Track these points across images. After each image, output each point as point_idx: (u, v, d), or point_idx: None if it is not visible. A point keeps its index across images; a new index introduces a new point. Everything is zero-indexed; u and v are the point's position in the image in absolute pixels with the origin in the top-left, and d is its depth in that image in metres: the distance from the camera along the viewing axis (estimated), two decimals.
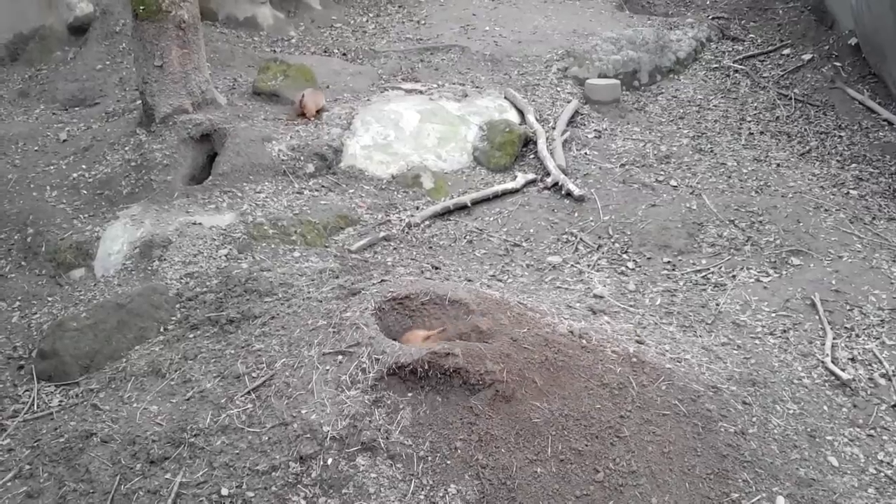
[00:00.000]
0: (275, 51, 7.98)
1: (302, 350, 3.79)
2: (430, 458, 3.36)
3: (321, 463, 3.33)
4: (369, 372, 3.59)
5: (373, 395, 3.52)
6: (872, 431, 3.81)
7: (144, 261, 4.95)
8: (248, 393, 3.67)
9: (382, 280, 4.36)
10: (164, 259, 4.91)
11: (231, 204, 5.45)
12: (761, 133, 6.67)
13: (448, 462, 3.35)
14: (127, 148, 5.98)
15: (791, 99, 7.09)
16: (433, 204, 5.74)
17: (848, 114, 6.80)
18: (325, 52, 8.10)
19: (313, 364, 3.68)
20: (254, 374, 3.76)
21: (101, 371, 4.17)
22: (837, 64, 7.42)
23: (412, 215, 5.57)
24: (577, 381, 3.65)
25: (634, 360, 3.85)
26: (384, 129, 6.33)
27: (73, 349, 4.24)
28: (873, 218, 5.48)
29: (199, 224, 5.20)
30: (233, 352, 3.96)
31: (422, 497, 3.26)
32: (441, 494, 3.26)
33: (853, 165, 6.16)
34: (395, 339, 3.81)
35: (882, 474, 3.59)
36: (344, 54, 8.00)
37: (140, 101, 6.20)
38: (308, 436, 3.40)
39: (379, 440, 3.38)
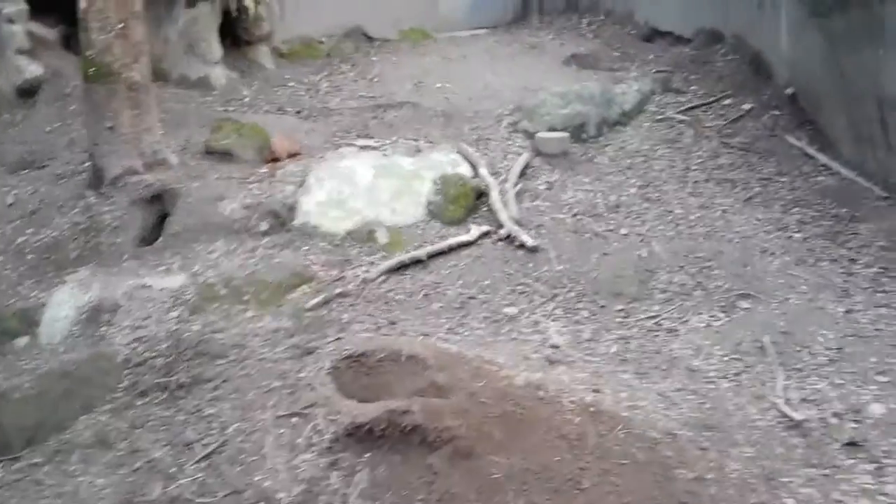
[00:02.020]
0: (227, 110, 7.99)
1: (255, 413, 3.72)
2: None
3: None
4: (325, 433, 3.54)
5: (329, 458, 3.46)
6: (827, 471, 3.85)
7: (92, 326, 4.82)
8: (199, 461, 3.57)
9: (338, 338, 4.33)
10: (113, 324, 4.79)
11: (182, 265, 5.37)
12: (706, 181, 6.85)
13: None
14: (75, 210, 5.89)
15: (734, 147, 7.33)
16: (388, 259, 5.73)
17: (788, 160, 7.03)
18: (279, 110, 8.15)
19: (267, 428, 3.62)
20: (205, 442, 3.67)
21: (45, 443, 4.02)
22: (776, 113, 7.69)
23: (367, 271, 5.55)
24: (536, 433, 3.64)
25: (592, 409, 3.85)
26: (339, 185, 6.35)
27: (16, 421, 4.11)
28: (816, 260, 5.64)
29: (149, 286, 5.10)
30: (183, 418, 3.87)
31: None
32: None
33: (795, 209, 6.36)
34: (351, 395, 3.76)
35: None
36: (298, 112, 8.06)
37: (89, 163, 6.13)
38: None
39: None
